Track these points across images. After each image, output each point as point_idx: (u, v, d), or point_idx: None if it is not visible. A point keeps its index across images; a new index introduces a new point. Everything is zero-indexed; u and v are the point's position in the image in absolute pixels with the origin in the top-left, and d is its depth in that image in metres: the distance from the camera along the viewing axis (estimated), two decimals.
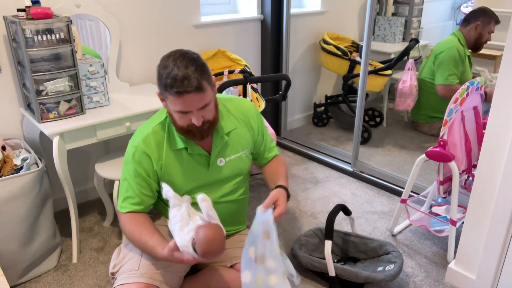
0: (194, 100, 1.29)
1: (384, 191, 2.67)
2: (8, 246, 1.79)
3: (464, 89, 1.90)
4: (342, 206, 1.92)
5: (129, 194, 1.46)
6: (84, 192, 2.55)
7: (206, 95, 1.31)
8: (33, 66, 1.84)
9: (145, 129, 1.48)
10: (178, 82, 1.26)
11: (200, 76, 1.28)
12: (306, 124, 3.71)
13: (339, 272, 1.79)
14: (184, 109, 1.32)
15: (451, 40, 3.03)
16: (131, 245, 1.53)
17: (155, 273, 1.42)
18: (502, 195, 1.60)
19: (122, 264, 1.47)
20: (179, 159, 1.47)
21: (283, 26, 3.09)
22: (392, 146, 3.25)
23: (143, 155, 1.43)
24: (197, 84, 1.27)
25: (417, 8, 3.78)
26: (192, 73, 1.26)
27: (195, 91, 1.27)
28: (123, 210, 1.47)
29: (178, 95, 1.27)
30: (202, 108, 1.33)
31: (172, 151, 1.46)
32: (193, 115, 1.33)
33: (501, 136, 1.58)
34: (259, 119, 1.61)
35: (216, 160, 1.51)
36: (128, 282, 1.38)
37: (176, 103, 1.30)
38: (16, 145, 2.09)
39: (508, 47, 1.49)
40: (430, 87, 3.16)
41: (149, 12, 2.47)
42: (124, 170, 1.49)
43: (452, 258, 2.02)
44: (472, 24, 2.99)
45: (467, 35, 3.02)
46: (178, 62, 1.27)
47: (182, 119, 1.36)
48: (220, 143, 1.50)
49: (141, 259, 1.45)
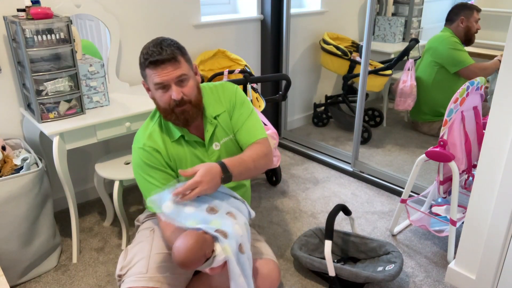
0: (168, 69, 1.35)
1: (384, 191, 2.67)
2: (8, 246, 1.79)
3: (464, 89, 1.90)
4: (342, 206, 1.92)
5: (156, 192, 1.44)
6: (84, 192, 2.55)
7: (181, 66, 1.38)
8: (33, 66, 1.84)
9: (145, 130, 1.52)
10: (152, 54, 1.35)
11: (173, 50, 1.36)
12: (306, 124, 3.71)
13: (339, 272, 1.79)
14: (161, 80, 1.36)
15: (445, 34, 3.07)
16: (138, 246, 1.53)
17: (163, 276, 1.43)
18: (502, 195, 1.60)
19: (130, 266, 1.47)
20: (181, 149, 1.51)
21: (283, 26, 3.09)
22: (392, 146, 3.25)
23: (152, 151, 1.47)
24: (171, 53, 1.35)
25: (417, 8, 3.78)
26: (165, 46, 1.36)
27: (169, 61, 1.35)
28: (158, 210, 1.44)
29: (153, 65, 1.35)
30: (180, 81, 1.38)
31: (172, 143, 1.50)
32: (172, 90, 1.38)
33: (501, 136, 1.58)
34: (237, 94, 1.59)
35: (211, 145, 1.54)
36: (137, 286, 1.38)
37: (153, 75, 1.37)
38: (16, 145, 2.09)
39: (508, 47, 1.49)
40: (427, 84, 3.16)
41: (149, 12, 2.48)
42: (139, 174, 1.49)
43: (452, 258, 2.02)
44: (457, 20, 3.03)
45: (456, 31, 3.06)
46: (153, 42, 1.39)
47: (163, 97, 1.40)
48: (210, 128, 1.53)
49: (149, 262, 1.45)
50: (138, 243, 1.56)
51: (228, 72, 2.62)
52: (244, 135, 1.55)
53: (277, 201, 2.56)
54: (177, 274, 1.48)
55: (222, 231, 1.27)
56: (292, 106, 3.52)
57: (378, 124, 3.62)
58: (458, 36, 3.06)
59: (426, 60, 3.15)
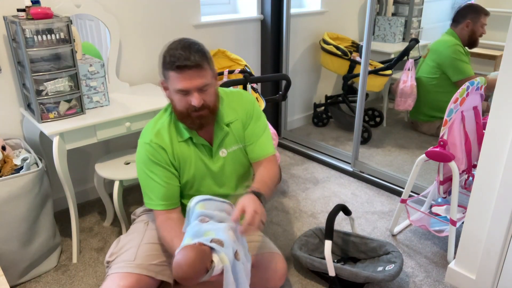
0: (193, 77, 1.34)
1: (384, 191, 2.67)
2: (8, 246, 1.79)
3: (464, 89, 1.90)
4: (342, 206, 1.92)
5: (156, 189, 1.48)
6: (84, 192, 2.55)
7: (205, 74, 1.36)
8: (33, 66, 1.84)
9: (154, 125, 1.51)
10: (180, 58, 1.32)
11: (201, 57, 1.34)
12: (306, 124, 3.71)
13: (339, 272, 1.78)
14: (184, 86, 1.35)
15: (449, 39, 3.04)
16: (130, 236, 1.56)
17: (150, 265, 1.46)
18: (502, 195, 1.60)
19: (119, 254, 1.50)
20: (187, 150, 1.51)
21: (283, 26, 3.09)
22: (392, 146, 3.25)
23: (158, 148, 1.47)
24: (198, 61, 1.33)
25: (417, 8, 3.78)
26: (194, 52, 1.33)
27: (196, 68, 1.33)
28: (156, 208, 1.49)
29: (179, 70, 1.33)
30: (202, 89, 1.37)
31: (179, 143, 1.50)
32: (192, 96, 1.36)
33: (501, 136, 1.58)
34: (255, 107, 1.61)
35: (218, 150, 1.54)
36: (123, 272, 1.40)
37: (177, 80, 1.35)
38: (16, 145, 2.09)
39: (508, 47, 1.49)
40: (428, 85, 3.16)
41: (149, 12, 2.47)
42: (142, 169, 1.50)
43: (452, 258, 2.02)
44: (462, 23, 2.99)
45: (460, 34, 3.03)
46: (181, 44, 1.36)
47: (182, 101, 1.39)
48: (221, 134, 1.52)
49: (138, 250, 1.48)
50: (131, 233, 1.60)
51: (228, 72, 2.62)
52: (257, 150, 1.59)
53: (277, 201, 2.56)
54: (165, 263, 1.50)
55: (217, 240, 1.26)
56: (292, 106, 3.52)
57: (378, 124, 3.62)
58: (462, 38, 3.03)
59: (429, 62, 3.14)
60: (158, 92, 2.35)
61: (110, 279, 1.41)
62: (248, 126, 1.58)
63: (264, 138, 1.60)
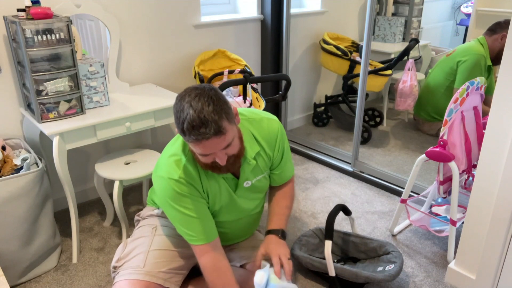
0: (214, 144, 1.23)
1: (384, 191, 2.67)
2: (8, 246, 1.79)
3: (464, 89, 1.90)
4: (342, 206, 1.92)
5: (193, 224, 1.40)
6: (84, 192, 2.55)
7: (227, 137, 1.24)
8: (33, 66, 1.84)
9: (175, 159, 1.40)
10: (195, 129, 1.18)
11: (219, 117, 1.19)
12: (306, 124, 3.71)
13: (339, 272, 1.78)
14: (206, 152, 1.26)
15: (476, 48, 2.94)
16: (138, 241, 1.54)
17: (159, 272, 1.44)
18: (502, 195, 1.60)
19: (127, 259, 1.48)
20: (214, 182, 1.44)
21: (283, 26, 3.09)
22: (392, 146, 3.25)
23: (189, 185, 1.38)
24: (216, 128, 1.19)
25: (417, 8, 3.78)
26: (210, 115, 1.18)
27: (215, 135, 1.20)
28: (198, 243, 1.41)
29: (197, 141, 1.21)
30: (225, 148, 1.27)
31: (207, 176, 1.42)
32: (216, 155, 1.28)
33: (501, 136, 1.58)
34: (283, 137, 1.56)
35: (243, 182, 1.49)
36: (132, 279, 1.39)
37: (197, 147, 1.25)
38: (16, 145, 2.09)
39: (508, 47, 1.49)
40: (441, 86, 3.12)
41: (149, 12, 2.47)
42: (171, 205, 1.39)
43: (452, 258, 2.02)
44: (498, 34, 2.90)
45: (491, 45, 2.93)
46: (193, 104, 1.18)
47: (205, 159, 1.31)
48: (248, 168, 1.46)
49: (147, 257, 1.46)
50: (138, 237, 1.57)
51: (228, 72, 2.62)
52: (281, 175, 1.62)
53: None
54: (174, 270, 1.49)
55: None
56: (292, 106, 3.52)
57: (378, 124, 3.62)
58: (491, 50, 2.93)
59: (446, 67, 3.07)
60: (158, 92, 2.35)
61: (118, 286, 1.39)
62: (277, 157, 1.55)
63: (288, 163, 1.63)
